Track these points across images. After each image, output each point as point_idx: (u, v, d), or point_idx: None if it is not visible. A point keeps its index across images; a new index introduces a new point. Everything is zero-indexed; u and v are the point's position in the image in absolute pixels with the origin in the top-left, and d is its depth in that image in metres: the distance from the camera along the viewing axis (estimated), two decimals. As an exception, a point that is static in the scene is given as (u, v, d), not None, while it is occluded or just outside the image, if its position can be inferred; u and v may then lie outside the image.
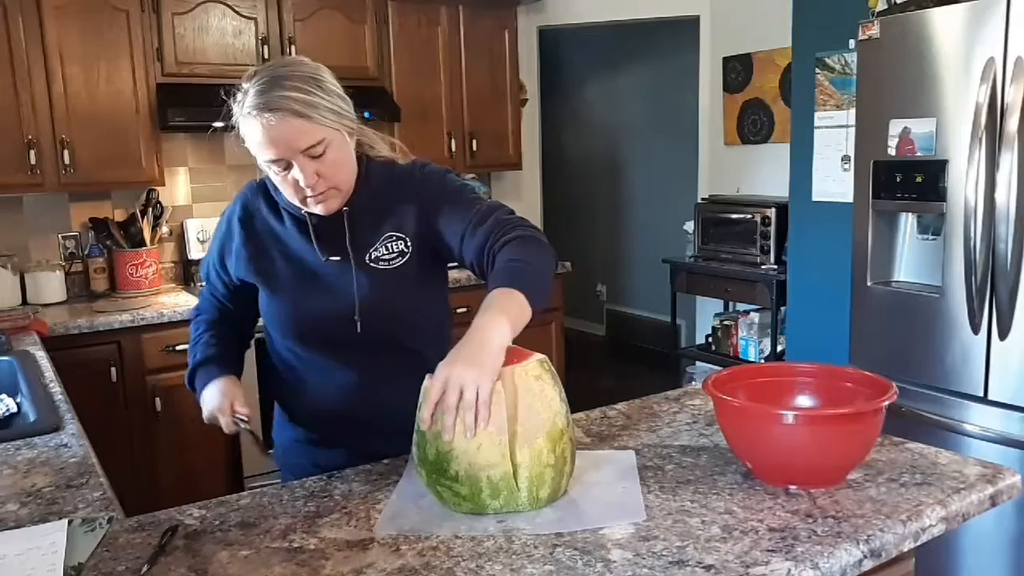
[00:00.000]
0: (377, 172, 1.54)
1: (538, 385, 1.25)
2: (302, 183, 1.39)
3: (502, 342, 1.22)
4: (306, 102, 1.35)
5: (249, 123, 1.37)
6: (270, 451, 1.77)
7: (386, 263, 1.52)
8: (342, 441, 1.59)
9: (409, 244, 1.52)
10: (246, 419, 1.57)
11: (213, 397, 1.59)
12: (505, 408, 1.21)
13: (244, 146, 1.42)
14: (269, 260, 1.55)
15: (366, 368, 1.55)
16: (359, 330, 1.50)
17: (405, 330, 1.56)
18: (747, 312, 4.23)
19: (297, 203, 1.45)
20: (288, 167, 1.39)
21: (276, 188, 1.50)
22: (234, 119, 1.41)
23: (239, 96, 1.39)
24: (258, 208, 1.57)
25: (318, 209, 1.45)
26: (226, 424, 1.56)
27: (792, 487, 1.29)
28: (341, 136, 1.42)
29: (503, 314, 1.24)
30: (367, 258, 1.51)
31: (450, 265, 1.64)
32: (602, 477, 1.37)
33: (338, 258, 1.51)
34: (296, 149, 1.36)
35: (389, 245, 1.52)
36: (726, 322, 4.32)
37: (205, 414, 1.60)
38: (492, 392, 1.19)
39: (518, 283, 1.29)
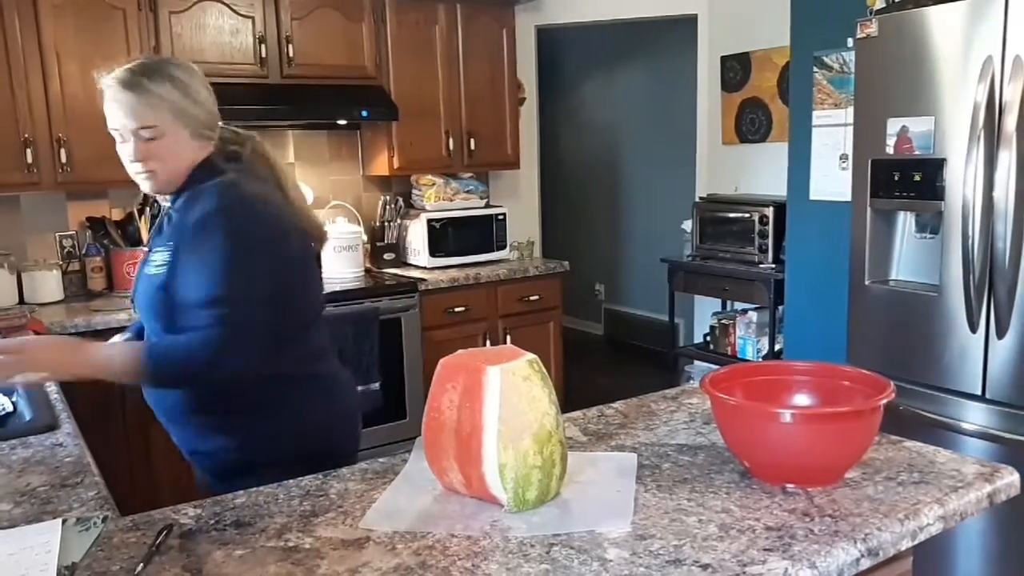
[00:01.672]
0: (196, 182, 1.62)
1: (525, 385, 1.25)
2: (128, 157, 1.60)
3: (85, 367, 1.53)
4: (149, 90, 1.55)
5: (105, 96, 1.58)
6: None
7: (152, 268, 1.62)
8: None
9: (171, 256, 1.60)
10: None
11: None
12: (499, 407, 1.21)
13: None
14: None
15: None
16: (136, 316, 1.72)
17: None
18: (745, 311, 4.23)
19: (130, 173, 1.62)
20: (124, 140, 1.59)
21: None
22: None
23: (105, 75, 1.58)
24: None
25: (141, 187, 1.65)
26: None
27: (789, 486, 1.29)
28: (177, 132, 1.58)
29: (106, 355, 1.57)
30: (148, 260, 1.65)
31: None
32: (598, 478, 1.36)
33: (147, 249, 1.71)
34: (129, 126, 1.56)
35: (163, 253, 1.61)
36: (724, 321, 4.32)
37: None
38: None
39: (140, 365, 1.52)
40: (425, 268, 4.03)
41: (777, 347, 3.98)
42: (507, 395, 1.23)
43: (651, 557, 1.09)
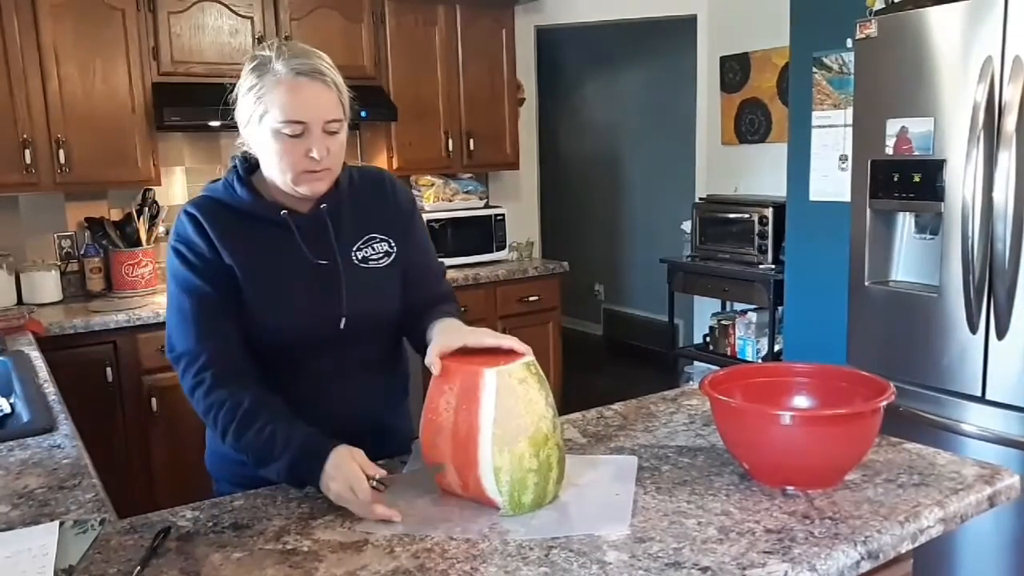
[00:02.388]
0: (347, 171, 1.56)
1: (522, 388, 1.24)
2: (313, 151, 1.39)
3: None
4: (336, 82, 1.43)
5: (279, 85, 1.37)
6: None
7: (375, 262, 1.55)
8: None
9: (393, 245, 1.57)
10: (384, 481, 1.27)
11: (341, 471, 1.26)
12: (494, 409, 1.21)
13: (254, 110, 1.39)
14: (250, 268, 1.46)
15: (351, 376, 1.53)
16: (342, 327, 1.49)
17: (388, 334, 1.59)
18: (744, 312, 4.23)
19: (289, 178, 1.41)
20: (302, 135, 1.39)
21: (240, 191, 1.46)
22: (248, 86, 1.40)
23: (256, 63, 1.41)
24: (222, 223, 1.46)
25: (307, 189, 1.43)
26: (365, 494, 1.24)
27: (789, 488, 1.29)
28: (346, 125, 1.46)
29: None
30: (354, 257, 1.53)
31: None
32: (598, 481, 1.35)
33: (325, 261, 1.49)
34: (321, 117, 1.39)
35: (374, 246, 1.55)
36: (723, 322, 4.31)
37: (335, 493, 1.26)
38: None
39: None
40: (424, 268, 4.02)
41: (777, 348, 3.98)
42: (503, 398, 1.23)
43: (650, 560, 1.08)
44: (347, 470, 1.25)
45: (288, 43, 1.44)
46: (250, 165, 1.50)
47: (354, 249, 1.53)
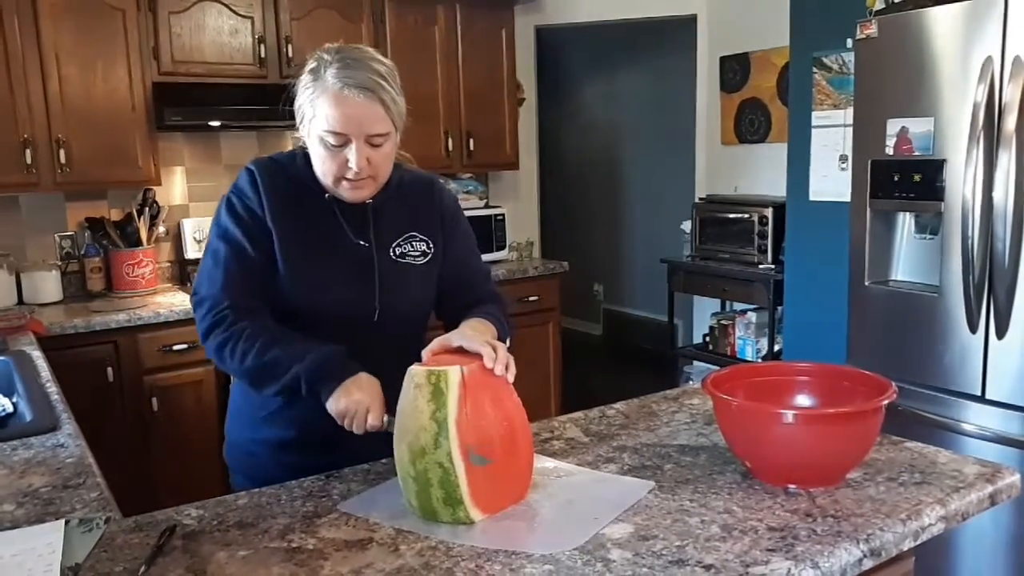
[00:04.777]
0: (396, 173, 1.58)
1: (414, 393, 1.22)
2: (352, 163, 1.43)
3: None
4: (387, 92, 1.43)
5: (326, 93, 1.40)
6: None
7: (412, 259, 1.59)
8: (336, 442, 1.43)
9: (431, 246, 1.61)
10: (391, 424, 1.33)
11: (372, 388, 1.40)
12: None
13: (307, 111, 1.43)
14: (296, 232, 1.50)
15: (378, 363, 1.49)
16: (376, 320, 1.53)
17: (415, 332, 1.60)
18: (744, 312, 4.23)
19: (329, 182, 1.47)
20: (343, 145, 1.42)
21: (301, 165, 1.52)
22: (304, 86, 1.44)
23: (313, 64, 1.43)
24: (276, 186, 1.51)
25: (347, 195, 1.49)
26: (376, 419, 1.37)
27: (791, 486, 1.29)
28: (396, 135, 1.49)
29: (488, 329, 1.51)
30: (392, 252, 1.57)
31: None
32: (586, 499, 1.29)
33: (365, 244, 1.54)
34: (365, 132, 1.42)
35: (413, 243, 1.59)
36: (723, 322, 4.32)
37: (359, 402, 1.38)
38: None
39: (498, 328, 1.55)
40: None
41: (776, 348, 3.99)
42: (403, 396, 1.25)
43: (654, 558, 1.09)
44: (375, 392, 1.38)
45: (348, 49, 1.45)
46: None
47: (393, 244, 1.57)
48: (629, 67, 6.33)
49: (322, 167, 1.47)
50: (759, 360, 4.06)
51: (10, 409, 2.00)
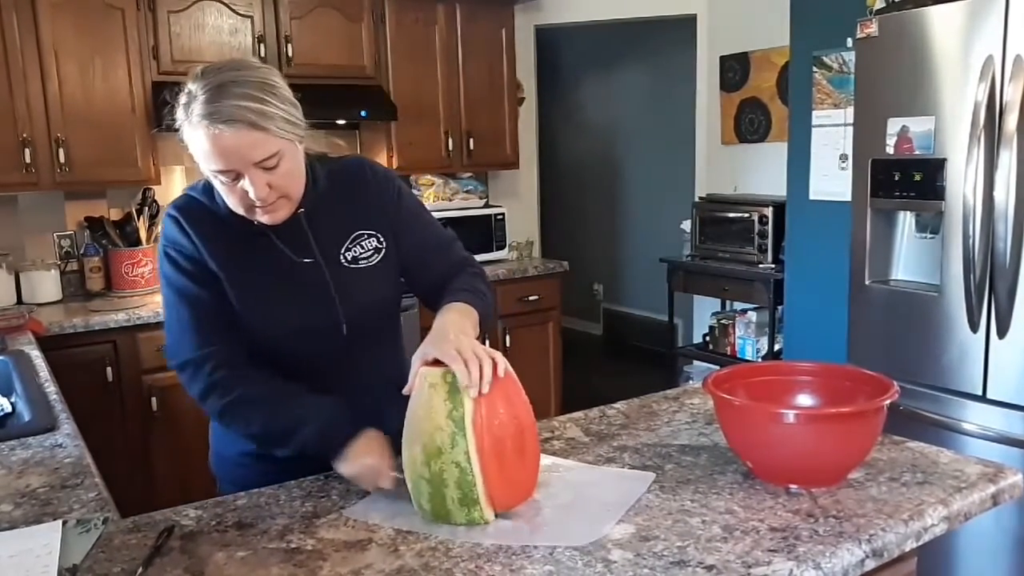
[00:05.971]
0: (320, 169, 1.49)
1: (428, 393, 1.22)
2: (252, 196, 1.31)
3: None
4: (260, 112, 1.27)
5: (197, 132, 1.28)
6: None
7: (366, 260, 1.49)
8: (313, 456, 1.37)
9: (382, 239, 1.51)
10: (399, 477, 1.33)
11: (376, 449, 1.35)
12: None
13: (189, 148, 1.32)
14: (240, 271, 1.42)
15: (351, 374, 1.48)
16: (345, 333, 1.47)
17: (389, 330, 1.55)
18: (744, 311, 4.23)
19: (241, 211, 1.36)
20: (237, 178, 1.31)
21: (219, 199, 1.40)
22: (178, 123, 1.32)
23: (184, 99, 1.30)
24: (203, 229, 1.42)
25: (265, 219, 1.38)
26: (387, 482, 1.31)
27: (793, 487, 1.28)
28: (293, 146, 1.35)
29: (469, 319, 1.37)
30: (342, 259, 1.47)
31: None
32: (599, 496, 1.30)
33: (310, 260, 1.45)
34: (249, 161, 1.29)
35: (363, 243, 1.50)
36: (723, 321, 4.31)
37: (356, 471, 1.34)
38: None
39: (478, 306, 1.41)
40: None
41: (776, 347, 3.98)
42: (415, 398, 1.23)
43: (655, 558, 1.08)
44: (383, 452, 1.34)
45: (214, 72, 1.29)
46: None
47: (342, 250, 1.48)
48: (629, 66, 6.33)
49: (228, 200, 1.36)
50: (759, 360, 4.06)
51: (8, 409, 2.00)
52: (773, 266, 3.95)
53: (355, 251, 1.49)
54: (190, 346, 1.40)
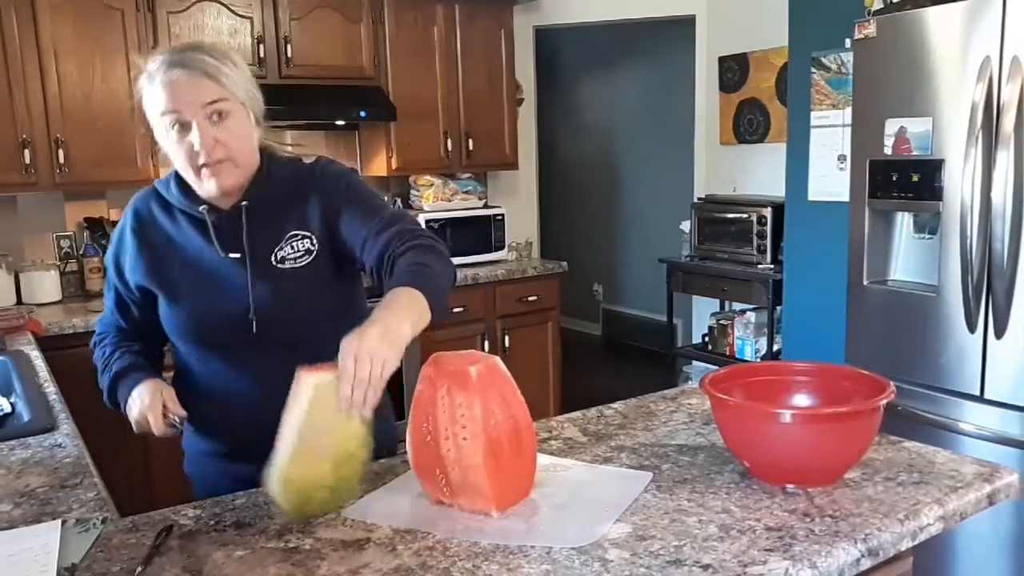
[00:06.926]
0: (279, 169, 1.53)
1: (322, 401, 1.16)
2: (197, 145, 1.37)
3: (406, 336, 1.19)
4: (217, 68, 1.38)
5: (154, 86, 1.38)
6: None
7: (292, 262, 1.49)
8: (253, 452, 1.27)
9: (315, 242, 1.49)
10: (180, 421, 1.48)
11: (143, 397, 1.48)
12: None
13: (147, 112, 1.42)
14: (166, 265, 1.51)
15: (266, 374, 1.38)
16: (254, 331, 1.47)
17: (305, 333, 1.47)
18: (743, 311, 4.23)
19: (191, 176, 1.42)
20: (185, 129, 1.37)
21: (172, 188, 1.51)
22: (139, 89, 1.41)
23: (149, 72, 1.39)
24: (151, 214, 1.55)
25: (211, 185, 1.41)
26: (157, 425, 1.46)
27: (789, 486, 1.29)
28: (244, 111, 1.43)
29: (407, 312, 1.23)
30: (272, 258, 1.48)
31: None
32: (597, 495, 1.30)
33: (237, 255, 1.48)
34: (197, 103, 1.36)
35: (294, 244, 1.49)
36: (722, 321, 4.32)
37: (135, 415, 1.49)
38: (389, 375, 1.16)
39: (421, 287, 1.27)
40: (423, 268, 4.02)
41: (775, 347, 3.99)
42: (315, 410, 1.16)
43: (651, 558, 1.09)
44: (150, 400, 1.47)
45: (179, 47, 1.44)
46: None
47: (276, 249, 1.48)
48: (628, 67, 6.34)
49: (178, 163, 1.43)
50: (758, 360, 4.06)
51: (8, 409, 2.00)
52: (772, 266, 3.96)
53: (286, 251, 1.49)
54: (103, 322, 1.65)
